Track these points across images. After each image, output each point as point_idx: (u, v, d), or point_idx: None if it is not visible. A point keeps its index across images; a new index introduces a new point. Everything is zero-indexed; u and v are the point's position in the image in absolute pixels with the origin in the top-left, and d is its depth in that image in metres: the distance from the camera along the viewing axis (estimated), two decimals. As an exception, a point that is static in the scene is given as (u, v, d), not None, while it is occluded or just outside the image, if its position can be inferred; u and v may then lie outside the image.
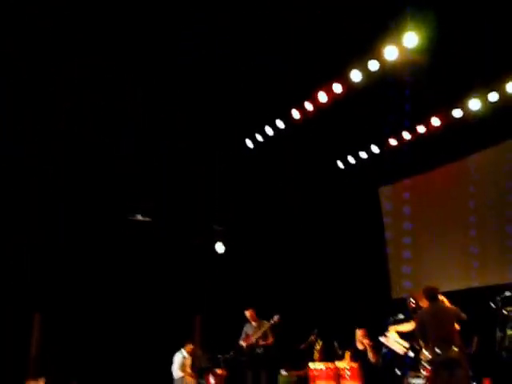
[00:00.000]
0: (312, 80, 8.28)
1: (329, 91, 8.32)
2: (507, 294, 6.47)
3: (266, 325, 7.96)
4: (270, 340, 7.95)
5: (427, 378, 7.52)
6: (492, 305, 6.56)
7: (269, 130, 9.17)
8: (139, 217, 8.91)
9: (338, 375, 8.08)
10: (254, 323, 8.19)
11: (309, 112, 8.68)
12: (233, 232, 10.12)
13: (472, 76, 7.91)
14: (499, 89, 7.86)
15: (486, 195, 9.17)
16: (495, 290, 7.12)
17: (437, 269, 9.60)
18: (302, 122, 8.76)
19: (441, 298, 6.25)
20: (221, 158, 9.46)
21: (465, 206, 9.43)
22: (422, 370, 7.66)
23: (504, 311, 6.38)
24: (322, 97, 8.44)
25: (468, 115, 8.27)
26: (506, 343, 6.46)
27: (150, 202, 9.10)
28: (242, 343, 8.05)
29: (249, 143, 9.41)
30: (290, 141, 9.26)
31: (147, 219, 8.96)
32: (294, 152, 9.61)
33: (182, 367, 8.57)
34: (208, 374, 7.76)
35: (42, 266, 8.74)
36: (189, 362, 8.60)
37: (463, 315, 6.17)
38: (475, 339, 8.30)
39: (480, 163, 9.33)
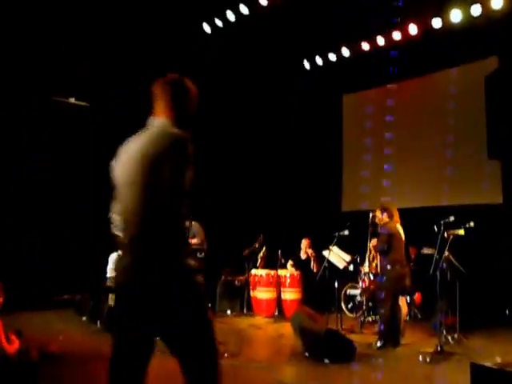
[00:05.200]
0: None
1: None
2: (451, 218, 6.47)
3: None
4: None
5: (363, 290, 7.84)
6: (435, 228, 6.61)
7: (230, 16, 7.99)
8: (72, 100, 7.80)
9: (278, 282, 8.28)
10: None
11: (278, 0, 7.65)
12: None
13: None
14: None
15: (446, 113, 8.75)
16: (443, 211, 7.18)
17: (390, 187, 9.40)
18: (269, 11, 7.73)
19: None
20: (174, 42, 8.26)
21: (426, 123, 9.07)
22: (360, 282, 7.95)
23: (445, 234, 6.43)
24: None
25: (447, 26, 7.51)
26: (441, 265, 6.59)
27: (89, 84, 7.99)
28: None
29: (206, 28, 8.28)
30: (252, 30, 8.24)
31: (83, 103, 7.87)
32: (255, 43, 8.59)
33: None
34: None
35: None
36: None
37: None
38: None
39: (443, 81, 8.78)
